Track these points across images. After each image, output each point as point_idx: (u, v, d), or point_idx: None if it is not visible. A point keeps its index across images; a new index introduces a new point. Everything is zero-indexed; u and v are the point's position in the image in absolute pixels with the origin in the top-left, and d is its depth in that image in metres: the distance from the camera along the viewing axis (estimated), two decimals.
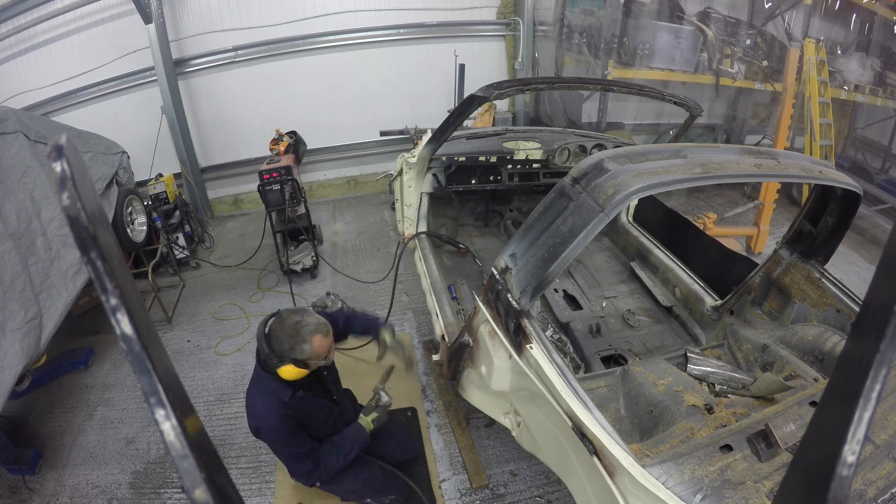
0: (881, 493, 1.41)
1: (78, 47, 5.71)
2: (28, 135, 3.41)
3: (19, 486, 3.04)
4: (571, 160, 3.74)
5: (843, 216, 2.25)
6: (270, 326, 2.04)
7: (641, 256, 3.57)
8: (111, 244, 0.50)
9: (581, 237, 1.64)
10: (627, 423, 2.06)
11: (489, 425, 3.21)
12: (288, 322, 2.02)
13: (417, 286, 3.88)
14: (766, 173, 1.85)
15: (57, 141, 0.47)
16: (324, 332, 2.06)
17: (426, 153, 3.23)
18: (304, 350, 2.01)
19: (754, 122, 6.85)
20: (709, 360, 2.29)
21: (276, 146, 5.65)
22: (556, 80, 4.40)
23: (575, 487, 1.88)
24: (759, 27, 6.22)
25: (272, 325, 2.04)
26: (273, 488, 2.93)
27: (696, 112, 3.15)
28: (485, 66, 7.03)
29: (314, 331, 2.03)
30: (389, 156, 6.97)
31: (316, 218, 6.05)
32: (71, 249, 3.39)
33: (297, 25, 6.24)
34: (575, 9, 6.26)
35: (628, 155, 1.80)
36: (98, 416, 3.55)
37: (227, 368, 3.91)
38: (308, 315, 2.08)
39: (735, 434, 1.60)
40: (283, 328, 2.02)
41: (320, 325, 2.06)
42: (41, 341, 2.98)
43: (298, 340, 2.00)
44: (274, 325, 2.04)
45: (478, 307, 2.12)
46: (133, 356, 0.47)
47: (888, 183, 6.32)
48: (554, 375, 1.66)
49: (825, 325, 2.32)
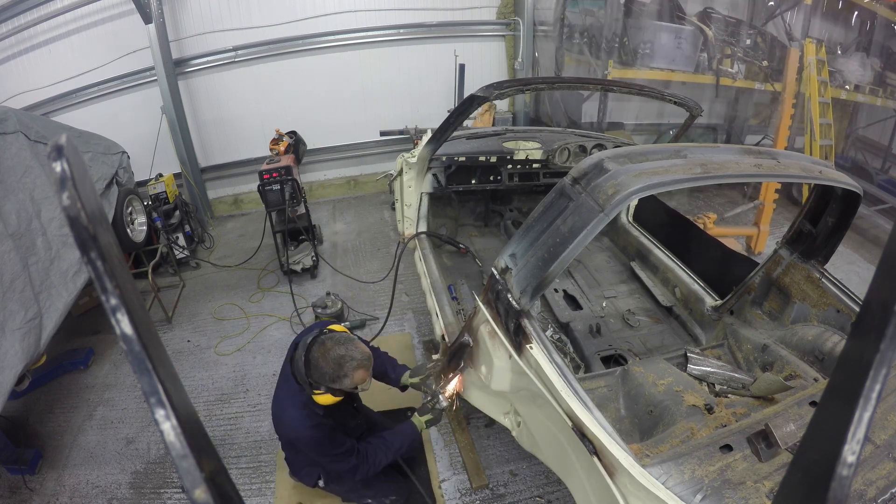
0: (881, 493, 1.41)
1: (78, 47, 5.72)
2: (28, 135, 3.41)
3: (19, 486, 3.04)
4: (571, 160, 3.74)
5: (843, 216, 2.25)
6: (313, 354, 2.01)
7: (641, 256, 3.57)
8: (111, 244, 0.50)
9: (581, 237, 1.63)
10: (627, 423, 2.06)
11: (489, 425, 3.21)
12: (332, 354, 2.01)
13: (417, 286, 3.88)
14: (766, 173, 1.85)
15: (57, 141, 0.47)
16: (366, 367, 2.07)
17: (426, 153, 3.23)
18: (345, 383, 2.03)
19: (754, 122, 6.85)
20: (709, 360, 2.29)
21: (276, 146, 5.65)
22: (556, 80, 4.39)
23: (575, 487, 1.87)
24: (759, 27, 6.22)
25: (315, 353, 2.01)
26: (273, 488, 2.93)
27: (696, 112, 3.15)
28: (485, 66, 7.03)
29: (357, 366, 2.03)
30: (389, 156, 6.97)
31: (316, 218, 6.06)
32: (71, 249, 3.39)
33: (297, 25, 6.24)
34: (575, 9, 6.26)
35: (628, 155, 1.80)
36: (98, 416, 3.55)
37: (227, 368, 3.91)
38: (353, 347, 2.06)
39: (735, 434, 1.60)
40: (326, 360, 2.00)
41: (364, 359, 2.06)
42: (41, 341, 2.98)
43: (341, 375, 2.01)
44: (317, 353, 2.01)
45: (478, 307, 2.12)
46: (133, 356, 0.47)
47: (888, 183, 6.32)
48: (554, 375, 1.66)
49: (825, 325, 2.32)
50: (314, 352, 2.03)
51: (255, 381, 3.76)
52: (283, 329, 4.33)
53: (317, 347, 2.04)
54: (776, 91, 5.90)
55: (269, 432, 3.28)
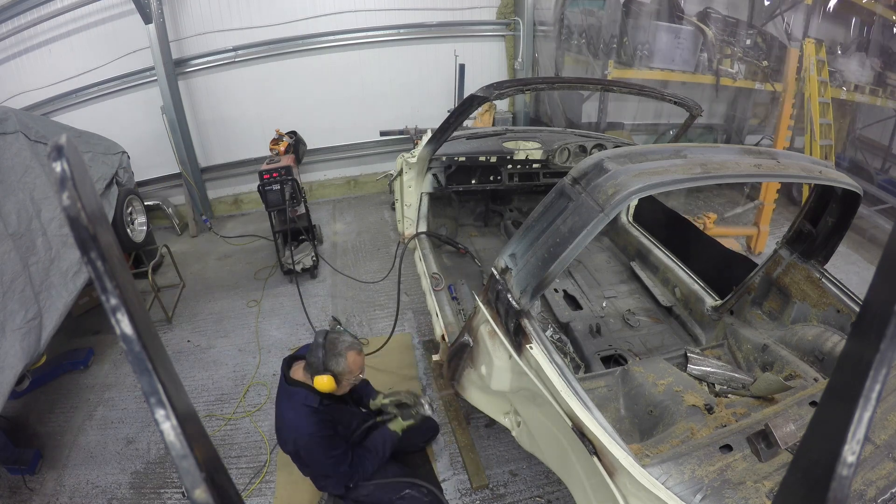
0: (881, 493, 1.41)
1: (78, 47, 5.71)
2: (28, 135, 3.41)
3: (19, 486, 3.04)
4: (571, 160, 3.74)
5: (843, 216, 2.25)
6: (317, 340, 2.24)
7: (641, 256, 3.57)
8: (111, 244, 0.50)
9: (581, 237, 1.63)
10: (627, 423, 2.06)
11: (489, 425, 3.21)
12: (329, 337, 2.25)
13: (417, 286, 3.88)
14: (766, 173, 1.85)
15: (57, 141, 0.47)
16: (358, 350, 2.28)
17: (426, 153, 3.23)
18: (341, 364, 2.20)
19: (754, 122, 6.85)
20: (709, 360, 2.29)
21: (276, 146, 5.65)
22: (556, 80, 4.39)
23: (575, 487, 1.88)
24: (759, 27, 6.22)
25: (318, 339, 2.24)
26: (273, 488, 2.93)
27: (695, 112, 3.15)
28: (485, 66, 7.03)
29: (350, 346, 2.24)
30: (389, 156, 6.97)
31: (316, 218, 6.06)
32: (71, 249, 3.39)
33: (298, 25, 6.24)
34: (575, 9, 6.26)
35: (628, 155, 1.80)
36: (98, 416, 3.55)
37: (227, 368, 3.91)
38: (347, 335, 2.31)
39: (735, 434, 1.60)
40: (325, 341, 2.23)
41: (356, 343, 2.30)
42: (41, 341, 2.98)
43: (336, 353, 2.20)
44: (319, 339, 2.24)
45: (478, 307, 2.12)
46: (133, 356, 0.47)
47: (888, 183, 6.32)
48: (554, 375, 1.66)
49: (825, 325, 2.32)
50: (318, 338, 2.24)
51: (255, 381, 3.76)
52: (283, 329, 4.33)
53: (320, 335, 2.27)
54: (776, 91, 5.90)
55: (269, 432, 3.28)
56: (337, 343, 2.21)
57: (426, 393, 2.59)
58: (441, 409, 3.38)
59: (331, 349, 2.20)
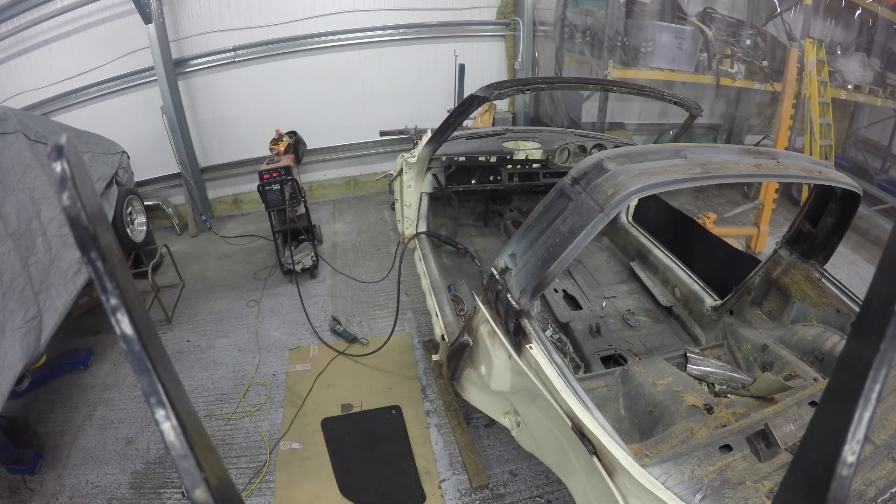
0: (881, 493, 1.41)
1: (78, 47, 5.71)
2: (28, 135, 3.41)
3: (19, 486, 3.04)
4: (571, 160, 3.74)
5: (842, 216, 2.25)
6: None
7: (641, 256, 3.57)
8: (111, 244, 0.50)
9: (581, 237, 1.64)
10: (627, 423, 2.06)
11: (489, 425, 3.21)
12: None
13: (417, 286, 3.88)
14: (766, 173, 1.85)
15: (57, 141, 0.47)
16: None
17: (426, 153, 3.23)
18: None
19: (754, 123, 6.85)
20: (709, 360, 2.29)
21: (276, 146, 5.64)
22: (556, 80, 4.40)
23: (575, 487, 1.88)
24: (759, 27, 6.22)
25: None
26: (273, 488, 2.93)
27: (695, 112, 3.15)
28: (485, 66, 7.03)
29: None
30: (389, 156, 6.96)
31: (316, 218, 6.05)
32: (71, 249, 3.39)
33: (297, 25, 6.24)
34: (575, 9, 6.26)
35: (628, 155, 1.80)
36: (98, 416, 3.55)
37: (227, 368, 3.91)
38: None
39: (735, 434, 1.60)
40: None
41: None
42: (41, 341, 2.98)
43: None
44: None
45: (478, 307, 2.12)
46: (133, 356, 0.47)
47: (888, 183, 6.32)
48: (554, 375, 1.66)
49: (825, 325, 2.32)
50: None
51: (255, 381, 3.76)
52: (283, 329, 4.33)
53: None
54: (776, 91, 5.90)
55: (269, 432, 3.28)
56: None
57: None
58: (441, 409, 3.38)
59: None
